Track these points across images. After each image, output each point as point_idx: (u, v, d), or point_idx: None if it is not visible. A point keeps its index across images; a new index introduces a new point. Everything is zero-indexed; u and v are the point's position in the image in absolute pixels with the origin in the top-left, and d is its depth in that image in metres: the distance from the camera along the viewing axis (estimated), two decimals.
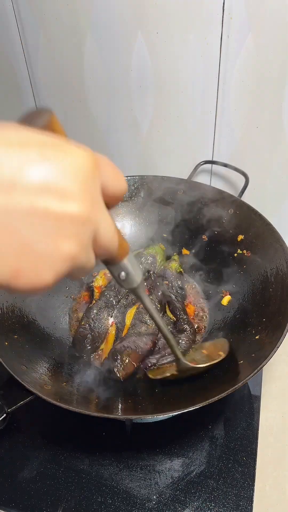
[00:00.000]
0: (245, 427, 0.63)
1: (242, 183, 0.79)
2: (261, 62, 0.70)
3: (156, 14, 0.69)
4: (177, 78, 0.75)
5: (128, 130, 0.84)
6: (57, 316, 0.71)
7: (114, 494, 0.57)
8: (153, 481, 0.58)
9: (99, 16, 0.72)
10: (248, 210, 0.73)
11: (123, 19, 0.71)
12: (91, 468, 0.60)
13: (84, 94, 0.81)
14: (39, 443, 0.63)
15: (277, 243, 0.66)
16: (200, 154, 0.84)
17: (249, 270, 0.71)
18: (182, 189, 0.81)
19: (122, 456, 0.61)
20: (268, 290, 0.65)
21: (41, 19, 0.74)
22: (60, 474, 0.59)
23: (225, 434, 0.63)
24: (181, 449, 0.61)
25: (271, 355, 0.53)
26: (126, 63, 0.76)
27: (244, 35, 0.68)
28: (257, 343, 0.60)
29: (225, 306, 0.71)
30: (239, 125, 0.78)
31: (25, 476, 0.59)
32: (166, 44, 0.72)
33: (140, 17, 0.70)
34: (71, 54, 0.77)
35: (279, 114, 0.74)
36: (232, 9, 0.66)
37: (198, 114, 0.79)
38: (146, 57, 0.74)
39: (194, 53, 0.72)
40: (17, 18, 0.75)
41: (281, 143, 0.78)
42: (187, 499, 0.56)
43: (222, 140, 0.81)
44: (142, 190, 0.83)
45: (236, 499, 0.56)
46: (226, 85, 0.74)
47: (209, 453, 0.61)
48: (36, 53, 0.79)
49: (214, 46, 0.70)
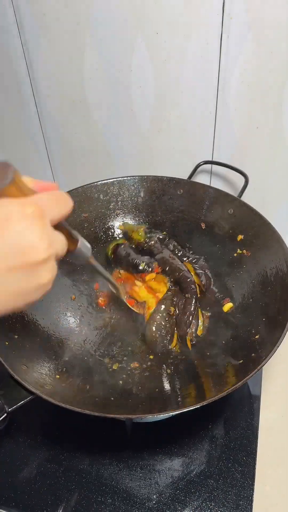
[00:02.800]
0: (245, 426, 0.63)
1: (242, 183, 0.79)
2: (261, 62, 0.70)
3: (156, 14, 0.69)
4: (177, 78, 0.75)
5: (128, 130, 0.84)
6: (57, 316, 0.71)
7: (114, 494, 0.57)
8: (153, 480, 0.58)
9: (99, 17, 0.72)
10: (248, 210, 0.73)
11: (123, 19, 0.71)
12: (91, 468, 0.60)
13: (84, 94, 0.81)
14: (39, 443, 0.63)
15: (276, 243, 0.66)
16: (200, 154, 0.84)
17: (249, 270, 0.71)
18: (181, 189, 0.81)
19: (122, 456, 0.61)
20: (268, 289, 0.65)
21: (41, 19, 0.74)
22: (60, 473, 0.59)
23: (225, 434, 0.63)
24: (181, 449, 0.61)
25: (271, 354, 0.53)
26: (126, 63, 0.76)
27: (244, 35, 0.68)
28: (257, 342, 0.60)
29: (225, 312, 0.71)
30: (239, 125, 0.78)
31: (25, 475, 0.59)
32: (166, 44, 0.72)
33: (140, 17, 0.70)
34: (71, 54, 0.77)
35: (279, 114, 0.74)
36: (232, 9, 0.66)
37: (198, 114, 0.79)
38: (146, 57, 0.74)
39: (194, 53, 0.72)
40: (17, 18, 0.75)
41: (281, 144, 0.78)
42: (187, 498, 0.56)
43: (222, 140, 0.81)
44: (142, 190, 0.83)
45: (236, 498, 0.56)
46: (226, 85, 0.74)
47: (209, 452, 0.61)
48: (36, 53, 0.79)
49: (214, 46, 0.70)
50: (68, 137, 0.88)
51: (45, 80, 0.82)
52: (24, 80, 0.82)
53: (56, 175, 0.96)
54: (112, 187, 0.82)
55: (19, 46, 0.78)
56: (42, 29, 0.75)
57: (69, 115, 0.85)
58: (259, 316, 0.63)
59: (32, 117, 0.87)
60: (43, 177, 0.95)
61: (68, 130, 0.87)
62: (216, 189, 0.79)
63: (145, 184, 0.82)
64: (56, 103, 0.84)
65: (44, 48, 0.78)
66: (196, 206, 0.80)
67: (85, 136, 0.87)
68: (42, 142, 0.90)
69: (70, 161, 0.92)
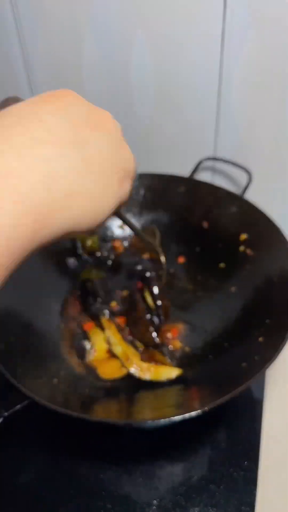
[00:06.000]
0: (247, 431, 0.62)
1: (245, 181, 0.78)
2: (264, 57, 0.68)
3: (156, 11, 0.68)
4: (178, 74, 0.74)
5: (128, 127, 0.83)
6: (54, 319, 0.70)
7: (113, 499, 0.56)
8: (153, 485, 0.57)
9: (98, 14, 0.71)
10: (251, 208, 0.72)
11: (122, 17, 0.70)
12: (90, 473, 0.59)
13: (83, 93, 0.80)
14: (37, 447, 0.62)
15: (280, 242, 0.65)
16: (201, 151, 0.83)
17: (252, 270, 0.70)
18: (183, 187, 0.80)
19: (121, 461, 0.60)
20: (272, 290, 0.64)
21: (39, 17, 0.73)
22: (58, 478, 0.58)
23: (226, 438, 0.62)
24: (182, 454, 0.60)
25: (274, 357, 0.52)
26: (126, 62, 0.75)
27: (246, 31, 0.66)
28: (260, 345, 0.59)
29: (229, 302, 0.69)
30: (242, 122, 0.77)
31: (22, 480, 0.58)
32: (166, 41, 0.71)
33: (140, 14, 0.69)
34: (70, 52, 0.76)
35: (283, 109, 0.73)
36: (234, 5, 0.64)
37: (199, 110, 0.78)
38: (146, 55, 0.73)
39: (195, 50, 0.70)
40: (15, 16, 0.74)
41: (284, 139, 0.77)
42: (188, 504, 0.55)
43: (224, 137, 0.80)
44: (142, 187, 0.82)
45: (238, 504, 0.55)
46: (228, 81, 0.73)
47: (210, 457, 0.60)
48: (34, 51, 0.78)
49: (216, 42, 0.68)
50: None
51: (44, 79, 0.81)
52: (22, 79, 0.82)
53: None
54: None
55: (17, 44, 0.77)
56: (41, 27, 0.75)
57: None
58: (262, 317, 0.62)
59: None
60: None
61: None
62: (218, 187, 0.78)
63: (145, 182, 0.82)
64: None
65: (43, 47, 0.77)
66: (198, 204, 0.79)
67: None
68: None
69: None
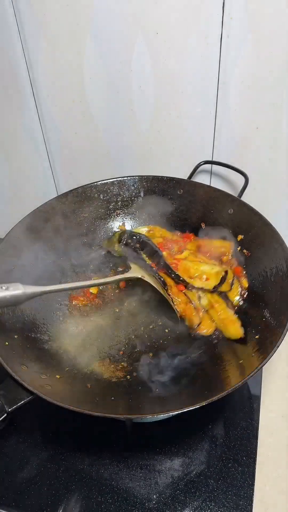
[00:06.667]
0: (245, 426, 0.63)
1: (242, 183, 0.79)
2: (261, 62, 0.70)
3: (156, 15, 0.69)
4: (177, 78, 0.75)
5: (128, 131, 0.84)
6: (57, 316, 0.71)
7: (114, 494, 0.57)
8: (153, 480, 0.58)
9: (99, 17, 0.72)
10: (248, 210, 0.73)
11: (123, 20, 0.71)
12: (91, 468, 0.60)
13: (84, 94, 0.81)
14: (39, 443, 0.63)
15: (276, 243, 0.66)
16: (200, 154, 0.84)
17: (249, 270, 0.71)
18: (182, 189, 0.81)
19: (122, 456, 0.61)
20: (268, 289, 0.65)
21: (41, 19, 0.74)
22: (60, 473, 0.59)
23: (225, 434, 0.63)
24: (181, 449, 0.61)
25: (271, 354, 0.53)
26: (126, 63, 0.76)
27: (244, 35, 0.68)
28: (257, 342, 0.60)
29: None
30: (239, 125, 0.78)
31: (25, 476, 0.59)
32: (166, 44, 0.72)
33: (140, 17, 0.70)
34: (71, 54, 0.77)
35: (280, 114, 0.74)
36: (232, 9, 0.66)
37: (198, 114, 0.79)
38: (146, 57, 0.74)
39: (194, 53, 0.72)
40: (17, 18, 0.75)
41: (281, 143, 0.78)
42: (187, 498, 0.56)
43: (222, 140, 0.81)
44: (142, 190, 0.83)
45: (236, 498, 0.56)
46: (226, 85, 0.74)
47: (209, 452, 0.61)
48: (36, 53, 0.78)
49: (214, 46, 0.70)
50: (68, 137, 0.88)
51: (45, 80, 0.82)
52: (24, 80, 0.82)
53: (56, 175, 0.96)
54: (112, 187, 0.83)
55: (19, 46, 0.78)
56: (42, 29, 0.75)
57: (69, 115, 0.85)
58: (259, 316, 0.63)
59: (32, 117, 0.87)
60: (43, 177, 0.95)
61: (68, 130, 0.87)
62: (216, 189, 0.79)
63: (145, 184, 0.83)
64: (56, 103, 0.84)
65: (44, 48, 0.78)
66: (196, 206, 0.80)
67: (85, 136, 0.87)
68: (42, 142, 0.90)
69: (70, 161, 0.92)
